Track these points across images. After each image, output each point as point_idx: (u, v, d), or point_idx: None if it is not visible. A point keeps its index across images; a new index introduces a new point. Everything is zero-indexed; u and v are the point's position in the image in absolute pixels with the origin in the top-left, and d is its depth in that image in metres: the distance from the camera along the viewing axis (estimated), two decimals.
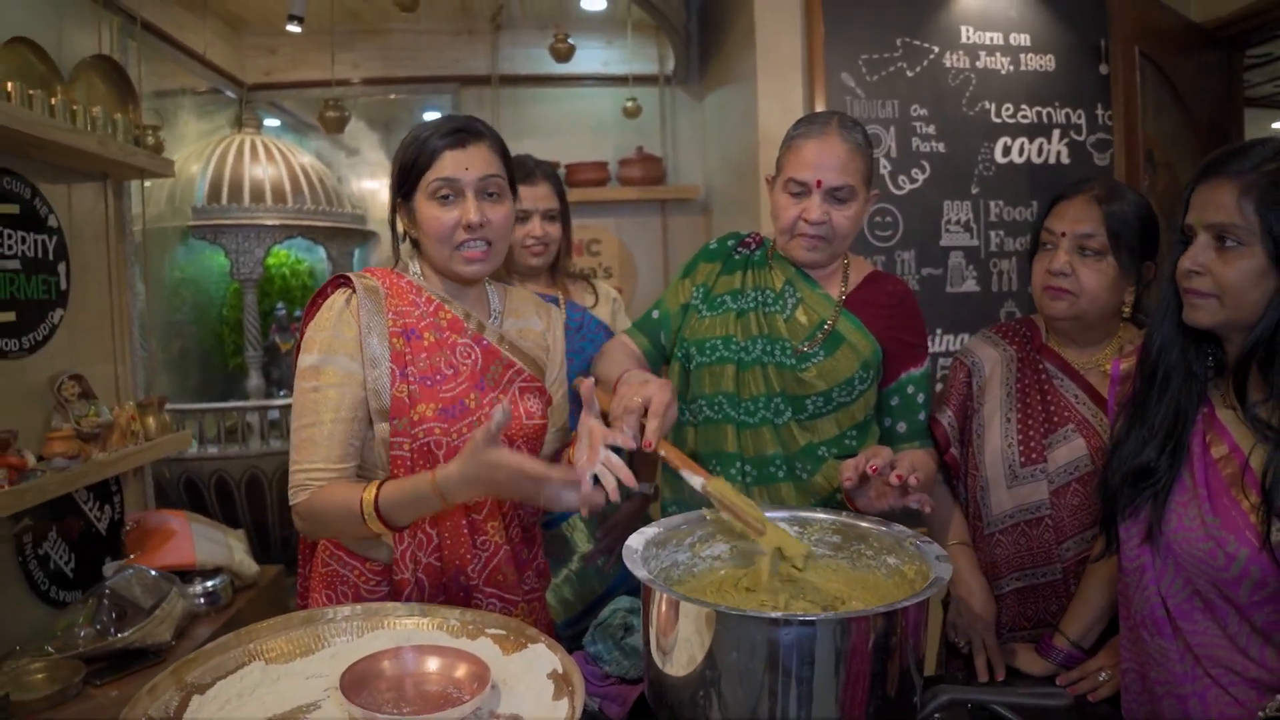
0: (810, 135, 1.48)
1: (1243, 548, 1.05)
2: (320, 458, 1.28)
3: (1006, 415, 1.56)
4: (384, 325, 1.32)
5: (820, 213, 1.46)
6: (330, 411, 1.28)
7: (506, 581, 1.37)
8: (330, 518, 1.27)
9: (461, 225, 1.31)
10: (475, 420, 1.34)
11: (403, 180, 1.33)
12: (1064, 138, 2.98)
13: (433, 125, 1.34)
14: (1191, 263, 1.09)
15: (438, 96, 3.70)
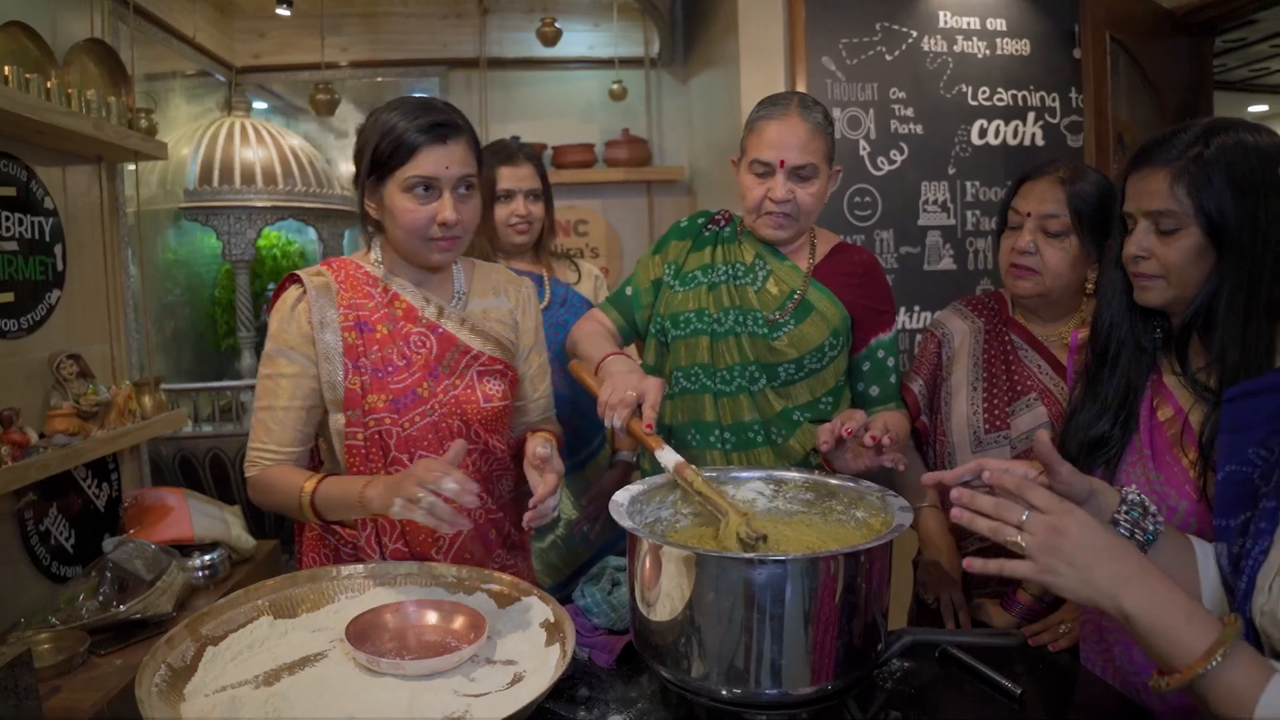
0: (772, 117, 1.54)
1: (1183, 500, 1.14)
2: (272, 440, 1.37)
3: (973, 384, 1.64)
4: (336, 321, 1.36)
5: (785, 191, 1.52)
6: (283, 399, 1.36)
7: (474, 559, 1.43)
8: (275, 496, 1.36)
9: (437, 222, 1.33)
10: (428, 409, 1.38)
11: (375, 167, 1.32)
12: (1038, 120, 3.06)
13: (409, 112, 1.31)
14: (1136, 248, 1.16)
15: (426, 79, 3.73)
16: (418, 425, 1.37)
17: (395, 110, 1.33)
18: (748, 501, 1.29)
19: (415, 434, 1.37)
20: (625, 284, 1.77)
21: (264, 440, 1.38)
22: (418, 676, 1.03)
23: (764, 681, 0.97)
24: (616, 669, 1.22)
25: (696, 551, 0.98)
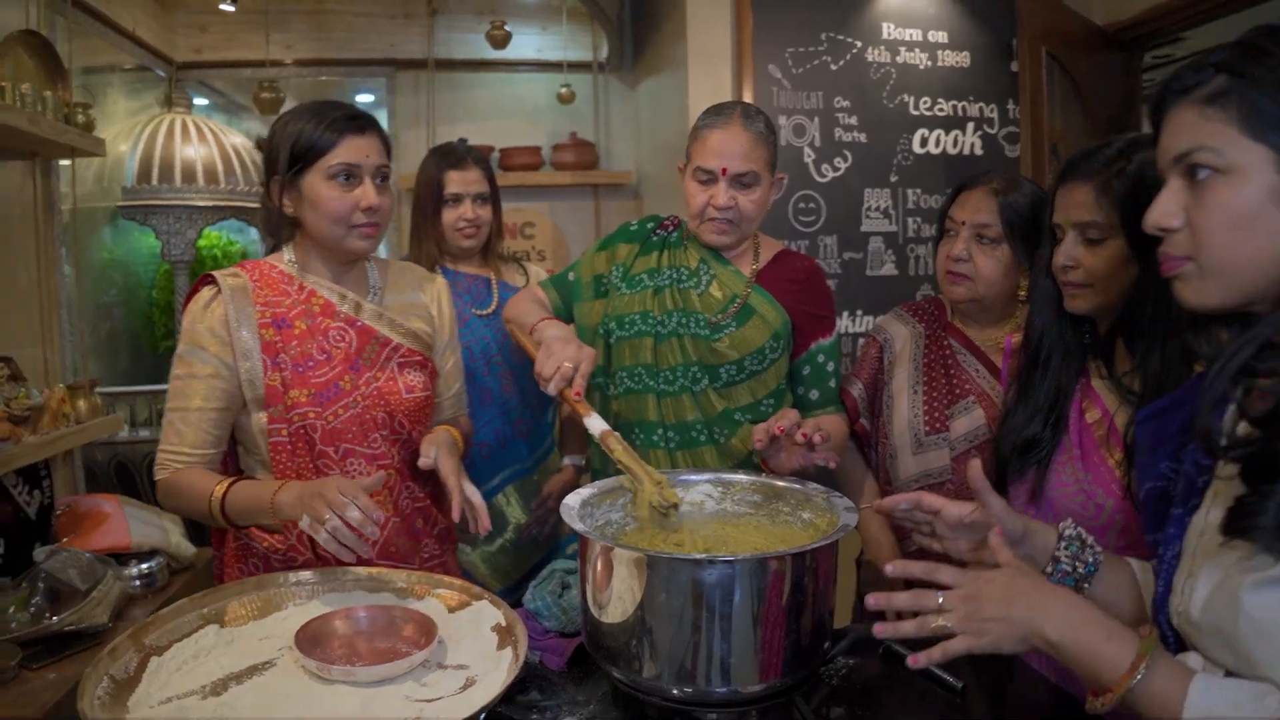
0: (715, 126, 1.58)
1: (1109, 499, 1.20)
2: (184, 442, 1.36)
3: (914, 388, 1.69)
4: (253, 318, 1.36)
5: (727, 198, 1.56)
6: (195, 400, 1.35)
7: (400, 553, 1.44)
8: (185, 500, 1.36)
9: (360, 208, 1.36)
10: (351, 402, 1.40)
11: (295, 160, 1.34)
12: (977, 130, 3.15)
13: (324, 108, 1.36)
14: (1065, 258, 1.22)
15: (372, 79, 3.69)
16: (341, 418, 1.39)
17: (308, 110, 1.38)
18: (696, 504, 1.31)
19: (339, 426, 1.39)
20: (569, 269, 1.79)
21: (174, 443, 1.37)
22: (369, 683, 1.03)
23: (714, 680, 0.99)
24: (568, 671, 1.23)
25: (648, 554, 1.00)
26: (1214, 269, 0.78)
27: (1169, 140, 0.81)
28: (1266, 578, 0.73)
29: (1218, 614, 0.78)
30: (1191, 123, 0.78)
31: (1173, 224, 0.80)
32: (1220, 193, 0.76)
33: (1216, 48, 0.79)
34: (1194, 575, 0.82)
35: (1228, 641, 0.77)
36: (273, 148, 1.38)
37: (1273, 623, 0.73)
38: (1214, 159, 0.76)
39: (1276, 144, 0.74)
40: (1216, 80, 0.77)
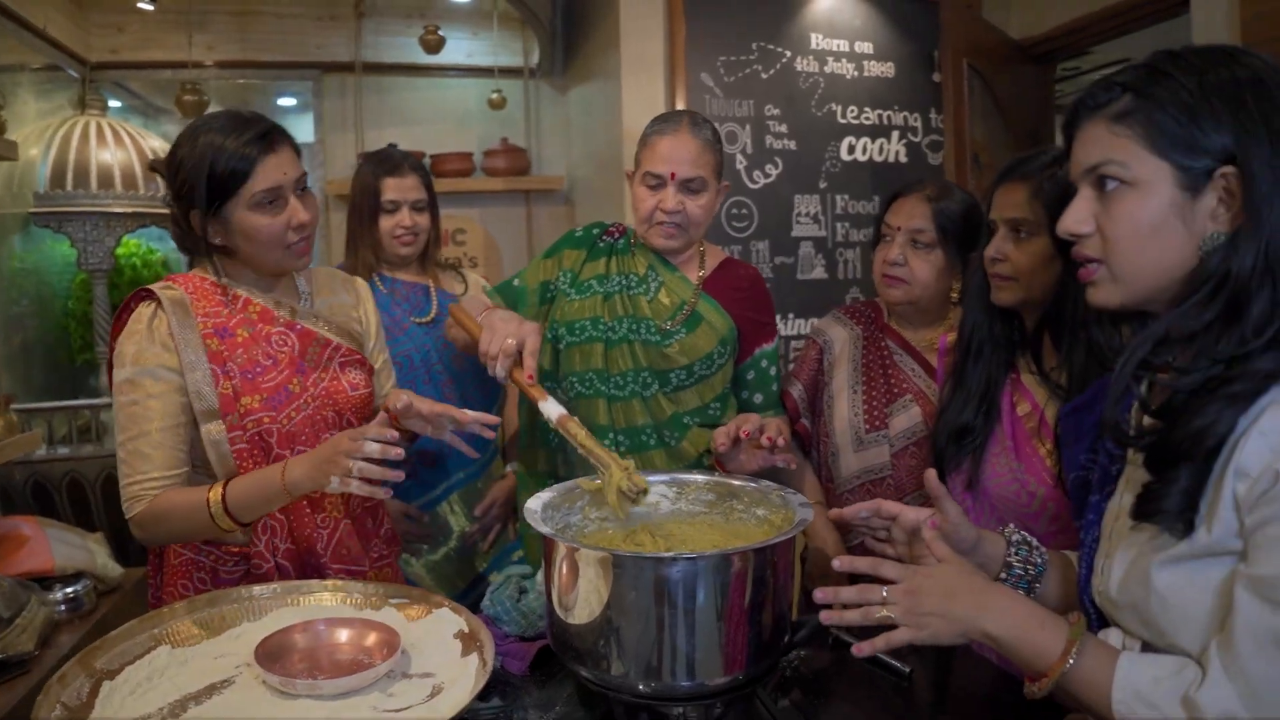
0: (664, 132, 1.62)
1: (1041, 486, 1.28)
2: (154, 467, 1.30)
3: (853, 388, 1.76)
4: (196, 329, 1.34)
5: (675, 202, 1.60)
6: (156, 421, 1.31)
7: (352, 554, 1.44)
8: (174, 523, 1.31)
9: (292, 227, 1.34)
10: (302, 403, 1.40)
11: (214, 193, 1.29)
12: (902, 138, 3.27)
13: (228, 129, 1.29)
14: (994, 251, 1.31)
15: (299, 82, 3.60)
16: (295, 420, 1.39)
17: (213, 131, 1.31)
18: (652, 504, 1.34)
19: (294, 429, 1.38)
20: (514, 276, 1.80)
21: (144, 470, 1.30)
22: (335, 696, 1.02)
23: (680, 674, 1.01)
24: (530, 675, 1.24)
25: (614, 553, 1.02)
26: (1121, 273, 0.84)
27: (1081, 152, 0.88)
28: (1171, 556, 0.80)
29: (1132, 591, 0.84)
30: (1101, 137, 0.85)
31: (1083, 230, 0.87)
32: (1127, 203, 0.83)
33: (1125, 68, 0.86)
34: (1111, 557, 0.89)
35: (1141, 615, 0.84)
36: (183, 180, 1.31)
37: (1178, 596, 0.80)
38: (1121, 172, 0.83)
39: (1177, 161, 0.80)
40: (1124, 99, 0.84)
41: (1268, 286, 0.77)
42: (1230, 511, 0.76)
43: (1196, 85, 0.80)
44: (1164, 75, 0.82)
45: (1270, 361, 0.76)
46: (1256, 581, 0.74)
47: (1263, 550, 0.74)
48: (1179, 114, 0.80)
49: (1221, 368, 0.78)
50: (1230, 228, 0.80)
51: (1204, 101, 0.79)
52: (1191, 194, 0.81)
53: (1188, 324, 0.80)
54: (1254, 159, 0.78)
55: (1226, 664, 0.76)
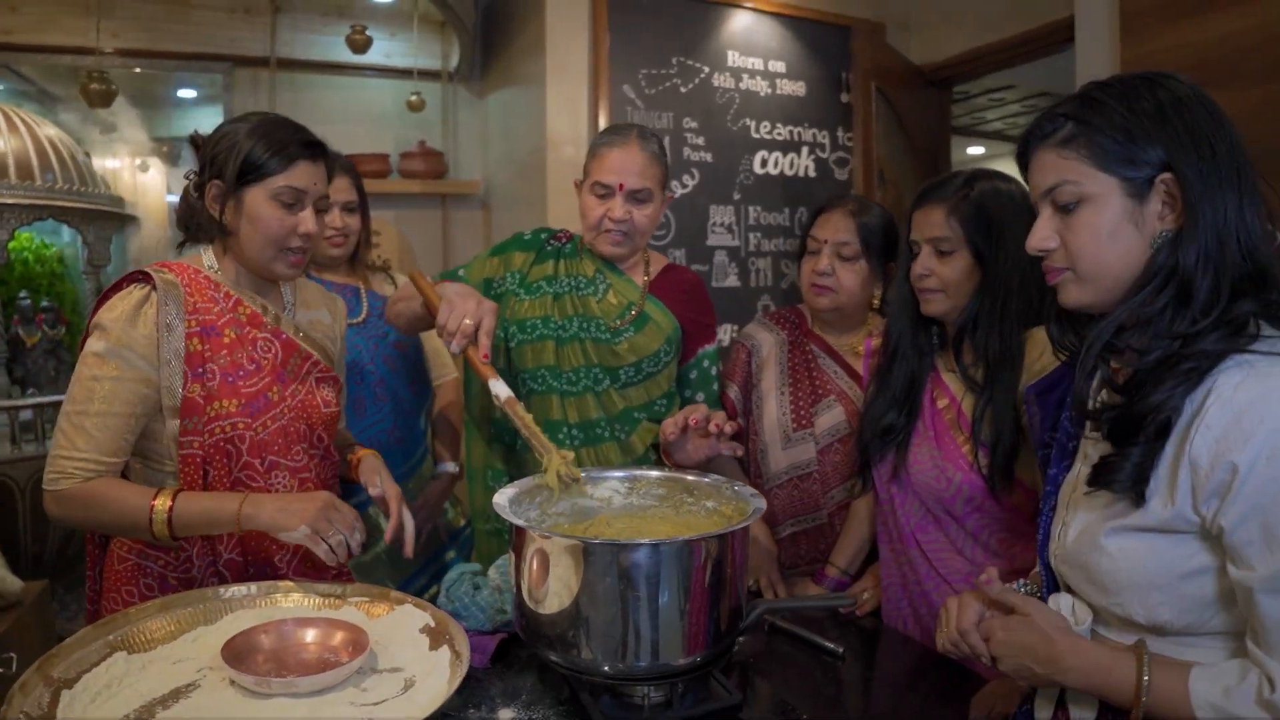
0: (614, 145, 1.70)
1: (958, 473, 1.42)
2: (91, 447, 1.28)
3: (781, 389, 1.87)
4: (181, 326, 1.33)
5: (623, 212, 1.67)
6: (107, 403, 1.28)
7: (315, 566, 1.44)
8: (104, 513, 1.29)
9: (298, 233, 1.36)
10: (279, 413, 1.39)
11: (243, 172, 1.33)
12: (811, 154, 3.44)
13: (284, 125, 1.37)
14: (921, 268, 1.44)
15: (207, 75, 3.47)
16: (269, 429, 1.38)
17: (269, 122, 1.37)
18: (604, 499, 1.40)
19: (267, 438, 1.38)
20: (458, 268, 1.83)
21: (81, 447, 1.27)
22: (310, 693, 1.03)
23: (644, 656, 1.08)
24: (491, 667, 1.28)
25: (584, 540, 1.07)
26: (1088, 275, 0.96)
27: (1038, 178, 0.99)
28: (1123, 524, 0.91)
29: (1083, 553, 0.96)
30: (1053, 163, 0.96)
31: (1049, 245, 0.98)
32: (1084, 216, 0.95)
33: (1064, 100, 0.98)
34: (1066, 524, 1.01)
35: (1089, 575, 0.95)
36: (217, 152, 1.34)
37: (1125, 559, 0.91)
38: (1075, 190, 0.94)
39: (1121, 175, 0.92)
40: (1067, 127, 0.95)
41: (1210, 273, 0.89)
42: (1185, 497, 0.87)
43: (1127, 109, 0.92)
44: (1098, 103, 0.93)
45: (1214, 342, 0.88)
46: (1261, 582, 0.81)
47: (1254, 549, 0.83)
48: (1116, 134, 0.91)
49: (1177, 345, 0.90)
50: (1175, 225, 0.92)
51: (1136, 121, 0.91)
52: (1138, 201, 0.92)
53: (1145, 310, 0.92)
54: (1185, 165, 0.89)
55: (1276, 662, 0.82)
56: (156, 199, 3.51)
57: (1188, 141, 0.90)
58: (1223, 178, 0.89)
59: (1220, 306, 0.89)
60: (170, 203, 3.56)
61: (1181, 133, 0.90)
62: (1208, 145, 0.90)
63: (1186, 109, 0.91)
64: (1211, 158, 0.90)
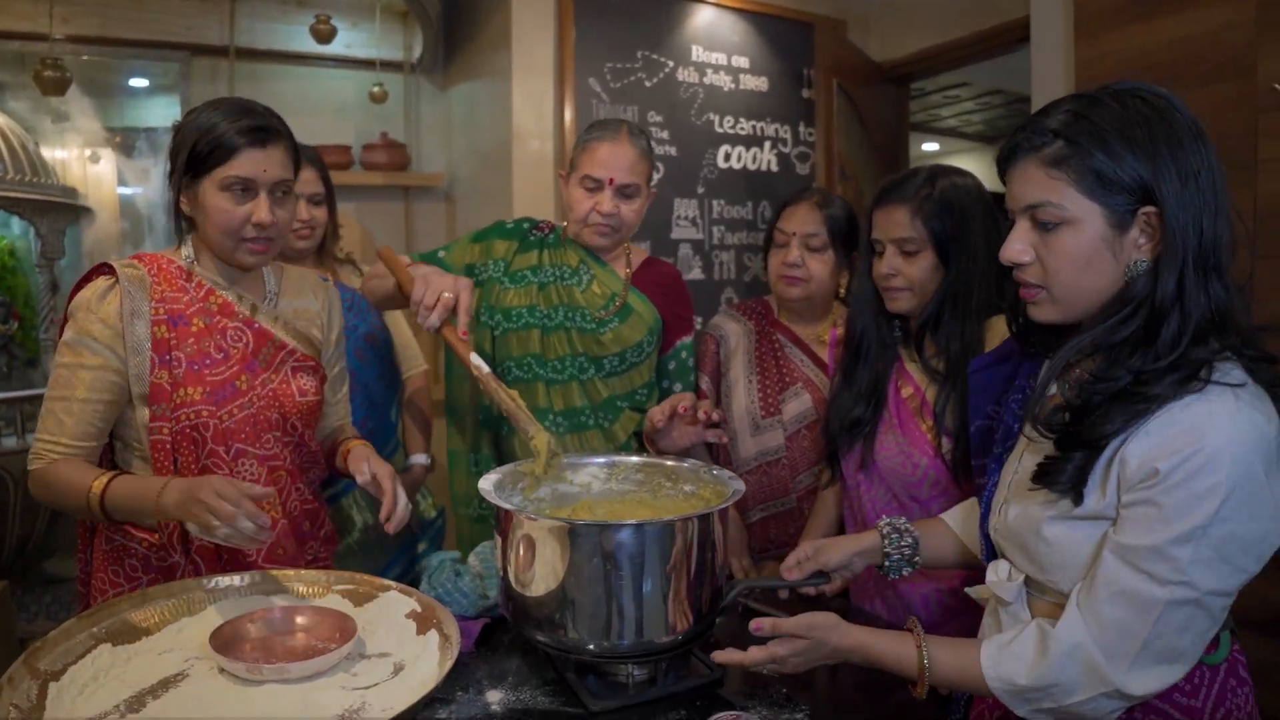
0: (604, 139, 1.72)
1: (924, 457, 1.47)
2: (64, 433, 1.33)
3: (749, 378, 1.91)
4: (148, 313, 1.35)
5: (611, 206, 1.70)
6: (80, 390, 1.33)
7: (287, 555, 1.45)
8: (60, 493, 1.33)
9: (251, 223, 1.35)
10: (246, 401, 1.40)
11: (191, 165, 1.34)
12: (774, 149, 3.50)
13: (230, 113, 1.34)
14: (888, 268, 1.48)
15: (162, 64, 3.39)
16: (236, 417, 1.39)
17: (216, 109, 1.35)
18: (584, 484, 1.43)
19: (233, 426, 1.39)
20: (438, 250, 1.83)
21: (54, 433, 1.33)
22: (301, 679, 1.05)
23: (629, 634, 1.12)
24: (477, 651, 1.31)
25: (571, 522, 1.11)
26: (1060, 297, 0.99)
27: (1019, 190, 0.99)
28: (1060, 514, 0.98)
29: (1023, 536, 1.02)
30: (1038, 179, 0.96)
31: (1023, 259, 1.00)
32: (1063, 239, 0.96)
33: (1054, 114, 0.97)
34: (1008, 503, 1.07)
35: (1029, 555, 1.02)
36: (176, 145, 1.35)
37: (1061, 544, 0.98)
38: (1058, 213, 0.96)
39: (1105, 203, 0.94)
40: (1057, 144, 0.94)
41: (1177, 312, 0.91)
42: (1114, 488, 0.93)
43: (1120, 137, 0.92)
44: (1093, 126, 0.93)
45: (1165, 388, 0.91)
46: (1120, 547, 0.91)
47: (1129, 524, 0.91)
48: (1106, 161, 0.92)
49: (1130, 379, 0.92)
50: (1151, 256, 0.94)
51: (1128, 149, 0.91)
52: (1119, 230, 0.94)
53: (1110, 336, 0.95)
54: (1169, 199, 0.90)
55: (1083, 605, 0.94)
56: (109, 191, 3.42)
57: (1174, 175, 0.91)
58: (1203, 212, 0.91)
59: (1179, 350, 0.91)
60: (122, 195, 3.49)
61: (1169, 166, 0.91)
62: (1191, 179, 0.91)
63: (1177, 140, 0.91)
64: (1195, 192, 0.91)
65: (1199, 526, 0.86)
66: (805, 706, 1.15)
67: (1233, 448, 0.86)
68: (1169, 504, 0.88)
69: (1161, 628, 0.89)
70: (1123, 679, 0.90)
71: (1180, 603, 0.88)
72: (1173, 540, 0.87)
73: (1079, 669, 0.92)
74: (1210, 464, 0.86)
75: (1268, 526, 0.88)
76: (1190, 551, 0.87)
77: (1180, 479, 0.87)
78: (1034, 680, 0.94)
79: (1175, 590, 0.88)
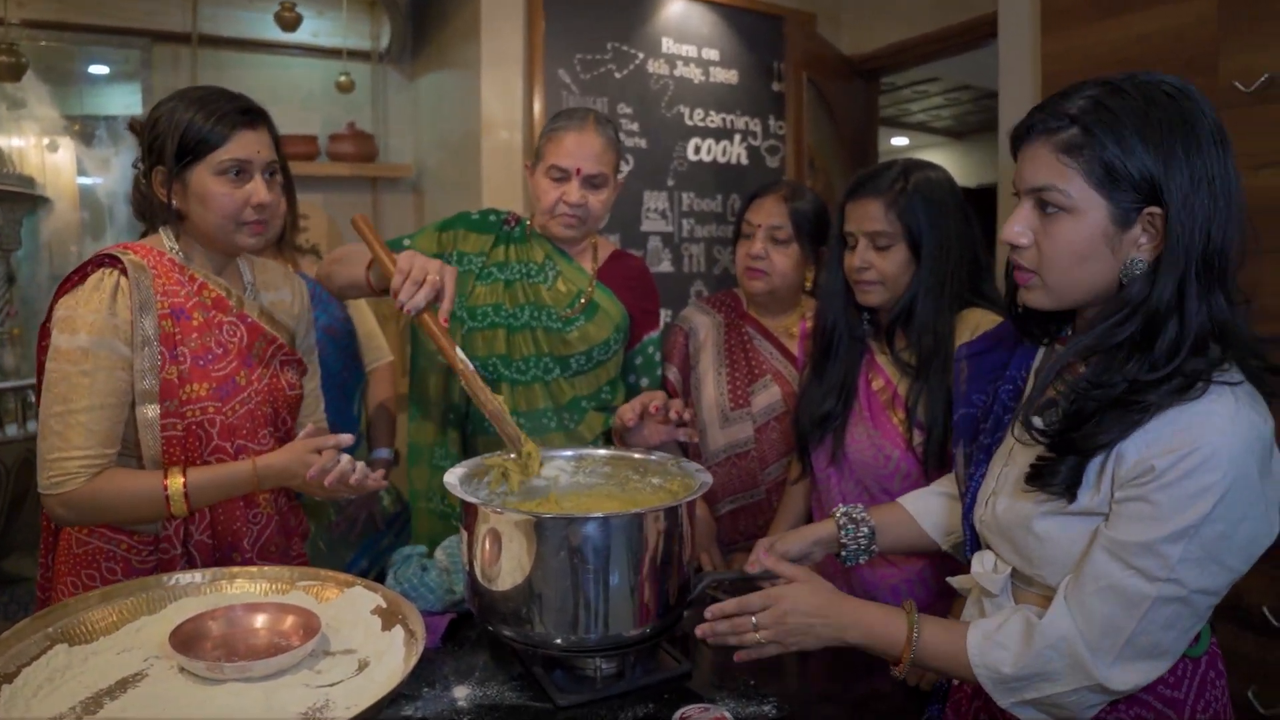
0: (571, 129, 1.69)
1: (895, 450, 1.48)
2: (91, 442, 1.27)
3: (718, 370, 1.92)
4: (154, 307, 1.32)
5: (578, 196, 1.68)
6: (100, 396, 1.28)
7: (278, 551, 1.45)
8: (117, 505, 1.29)
9: (251, 205, 1.34)
10: (246, 397, 1.39)
11: (182, 153, 1.31)
12: (743, 142, 3.50)
13: (215, 98, 1.33)
14: (860, 261, 1.48)
15: (123, 50, 3.31)
16: (239, 413, 1.38)
17: (198, 97, 1.34)
18: (551, 478, 1.42)
19: (236, 422, 1.37)
20: (404, 237, 1.77)
21: (79, 444, 1.26)
22: (264, 677, 1.03)
23: (597, 628, 1.12)
24: (444, 647, 1.30)
25: (537, 515, 1.10)
26: (1054, 287, 0.98)
27: (1028, 170, 0.97)
28: (1053, 509, 0.97)
29: (1011, 528, 1.02)
30: (1049, 162, 0.94)
31: (1022, 242, 0.99)
32: (1064, 227, 0.94)
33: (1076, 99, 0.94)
34: (997, 495, 1.06)
35: (1017, 548, 1.02)
36: (155, 135, 1.32)
37: (1052, 539, 0.98)
38: (1063, 200, 0.93)
39: (1112, 198, 0.91)
40: (1072, 131, 0.92)
41: (1175, 318, 0.89)
42: (1108, 485, 0.93)
43: (1138, 134, 0.89)
44: (1112, 117, 0.90)
45: (1159, 396, 0.89)
46: (1111, 543, 0.92)
47: (1122, 520, 0.91)
48: (1119, 155, 0.89)
49: (1125, 387, 0.91)
50: (1151, 257, 0.92)
51: (1142, 145, 0.89)
52: (1121, 227, 0.92)
53: (1107, 340, 0.94)
54: (1176, 201, 0.88)
55: (1071, 598, 0.94)
56: (68, 180, 3.35)
57: (1186, 179, 0.88)
58: (1212, 217, 0.88)
59: (1178, 360, 0.89)
60: (81, 184, 3.41)
61: (1182, 168, 0.89)
62: (1203, 182, 0.88)
63: (1195, 141, 0.89)
64: (1205, 196, 0.88)
65: (1191, 525, 0.86)
66: (773, 698, 1.16)
67: (1229, 448, 0.86)
68: (1163, 501, 0.88)
69: (1147, 624, 0.89)
70: (1105, 673, 0.91)
71: (1168, 600, 0.88)
72: (1164, 538, 0.87)
73: (1063, 661, 0.93)
74: (1206, 464, 0.86)
75: (1258, 528, 0.89)
76: (1181, 550, 0.87)
77: (1175, 477, 0.87)
78: (1018, 670, 0.95)
79: (1163, 587, 0.88)
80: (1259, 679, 1.77)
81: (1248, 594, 1.73)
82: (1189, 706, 0.99)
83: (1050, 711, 0.96)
